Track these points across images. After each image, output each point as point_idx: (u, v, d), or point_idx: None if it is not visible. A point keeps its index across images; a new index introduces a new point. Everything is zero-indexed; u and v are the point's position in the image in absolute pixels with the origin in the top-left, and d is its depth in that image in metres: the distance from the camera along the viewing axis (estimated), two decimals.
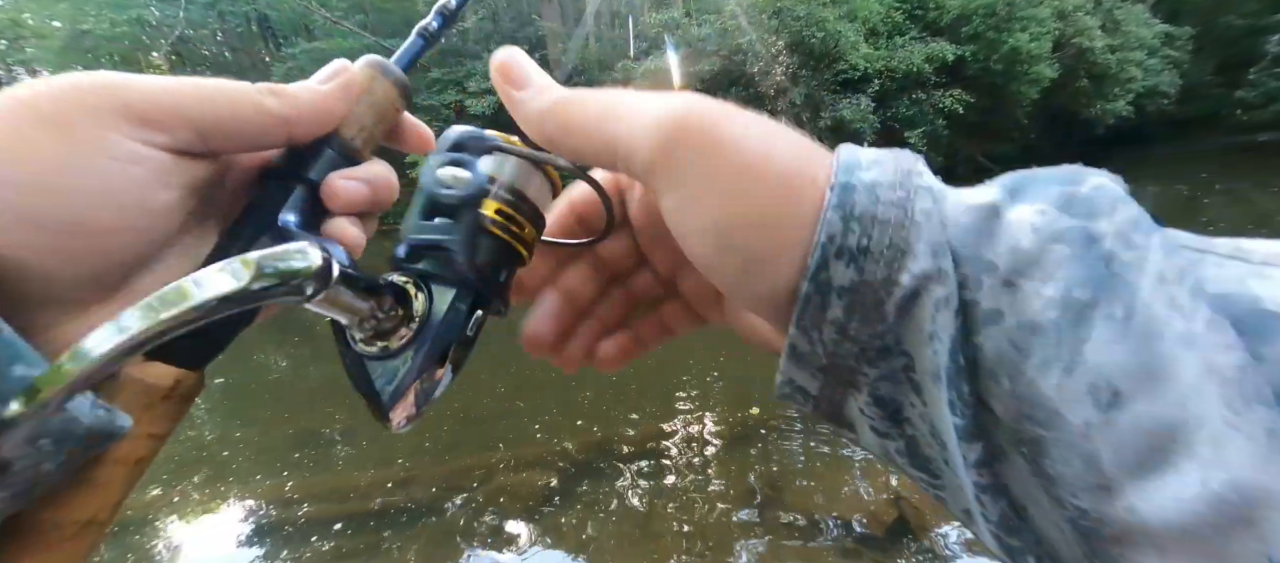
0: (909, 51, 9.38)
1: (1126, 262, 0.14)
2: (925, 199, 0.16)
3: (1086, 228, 0.14)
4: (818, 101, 9.20)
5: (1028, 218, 0.15)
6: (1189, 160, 10.01)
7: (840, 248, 0.16)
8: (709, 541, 1.74)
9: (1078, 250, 0.14)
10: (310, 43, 11.29)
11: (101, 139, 0.17)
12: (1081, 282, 0.14)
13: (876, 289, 0.15)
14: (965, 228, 0.15)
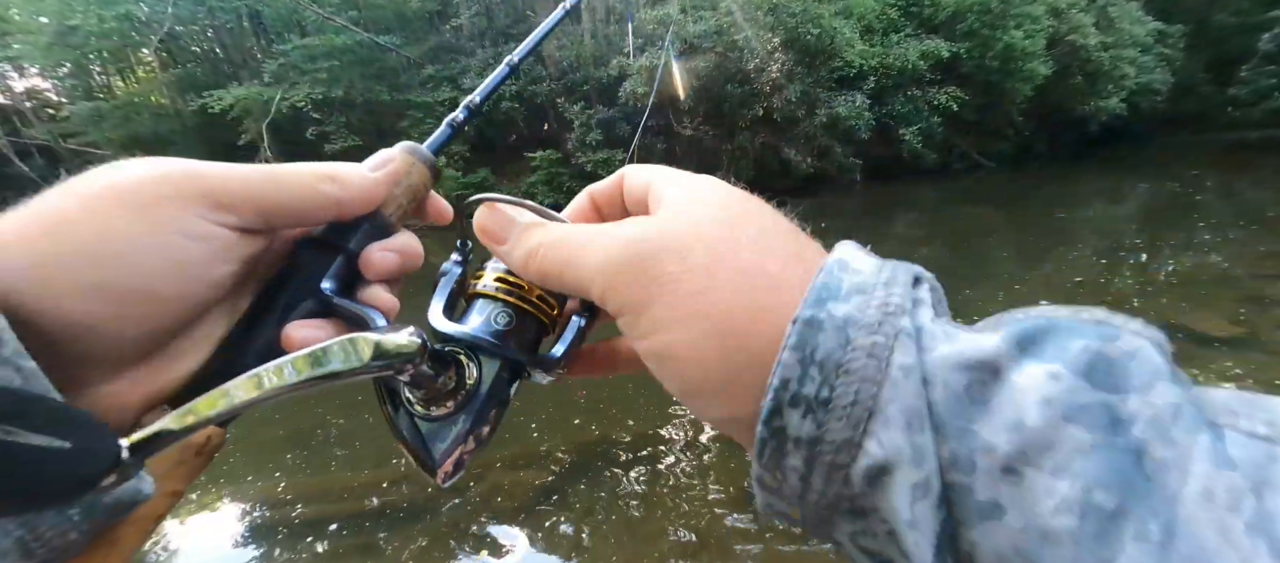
0: (904, 49, 9.40)
1: (1164, 462, 0.11)
2: (907, 350, 0.13)
3: (1113, 407, 0.12)
4: (813, 98, 9.19)
5: (1038, 384, 0.12)
6: (1181, 157, 10.10)
7: (795, 396, 0.14)
8: (705, 543, 1.73)
9: (1101, 437, 0.11)
10: (303, 39, 11.16)
11: (178, 219, 0.19)
12: (1106, 482, 0.11)
13: (838, 450, 0.13)
14: (956, 391, 0.13)
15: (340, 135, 10.85)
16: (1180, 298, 3.31)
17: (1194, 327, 2.85)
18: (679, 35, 8.74)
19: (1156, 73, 12.17)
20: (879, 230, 6.41)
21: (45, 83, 16.83)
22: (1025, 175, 9.64)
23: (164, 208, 0.19)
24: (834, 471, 0.14)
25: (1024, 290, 3.72)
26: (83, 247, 0.17)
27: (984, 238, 5.61)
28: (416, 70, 11.71)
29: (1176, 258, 4.07)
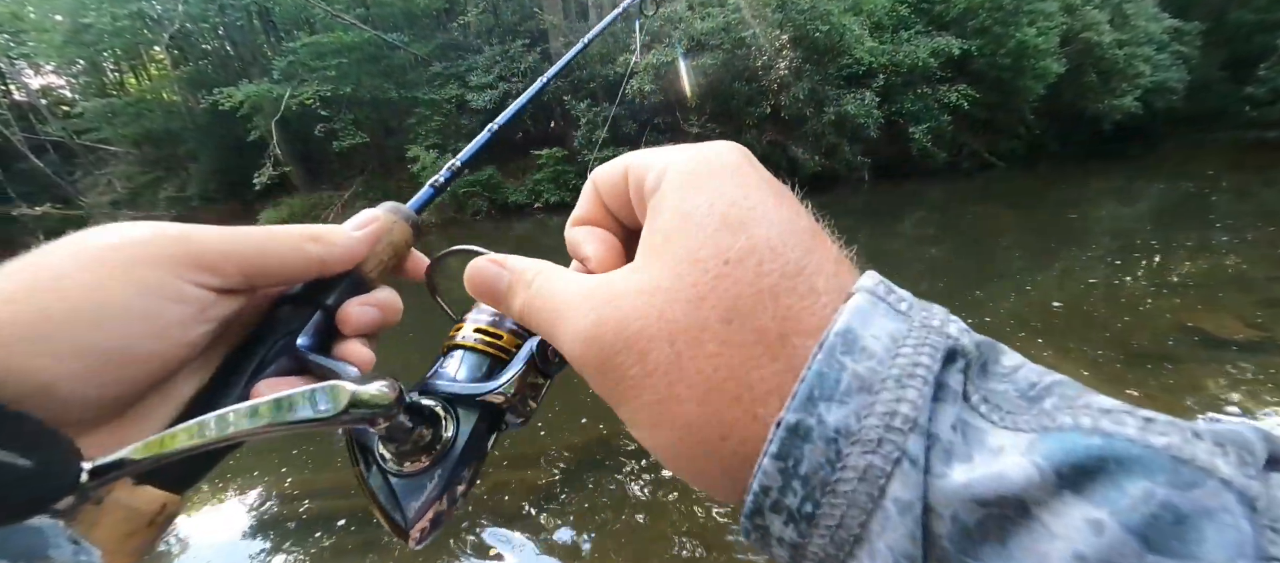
0: (914, 46, 9.29)
1: None
2: (909, 478, 0.11)
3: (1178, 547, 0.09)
4: (821, 97, 9.12)
5: (1078, 532, 0.09)
6: (1196, 157, 9.93)
7: (776, 503, 0.13)
8: (711, 542, 1.73)
9: None
10: (311, 36, 11.21)
11: (163, 282, 0.19)
12: None
13: (822, 561, 0.12)
14: (967, 526, 0.10)
15: (348, 132, 10.91)
16: (1195, 300, 3.26)
17: (1209, 329, 2.81)
18: (686, 32, 8.70)
19: (1172, 71, 11.96)
20: (887, 229, 6.35)
21: (59, 80, 17.07)
22: (1036, 175, 9.53)
23: (151, 270, 0.19)
24: None
25: (1035, 292, 3.67)
26: (67, 308, 0.17)
27: (994, 238, 5.55)
28: (424, 68, 11.74)
29: (1191, 259, 4.01)
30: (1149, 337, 2.82)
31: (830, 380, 0.12)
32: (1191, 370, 2.46)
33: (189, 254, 0.20)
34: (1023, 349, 0.15)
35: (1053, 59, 9.73)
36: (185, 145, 13.91)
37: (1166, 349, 2.67)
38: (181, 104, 13.70)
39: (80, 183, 15.64)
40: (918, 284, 4.14)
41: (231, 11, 12.45)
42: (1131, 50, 10.80)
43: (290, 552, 1.83)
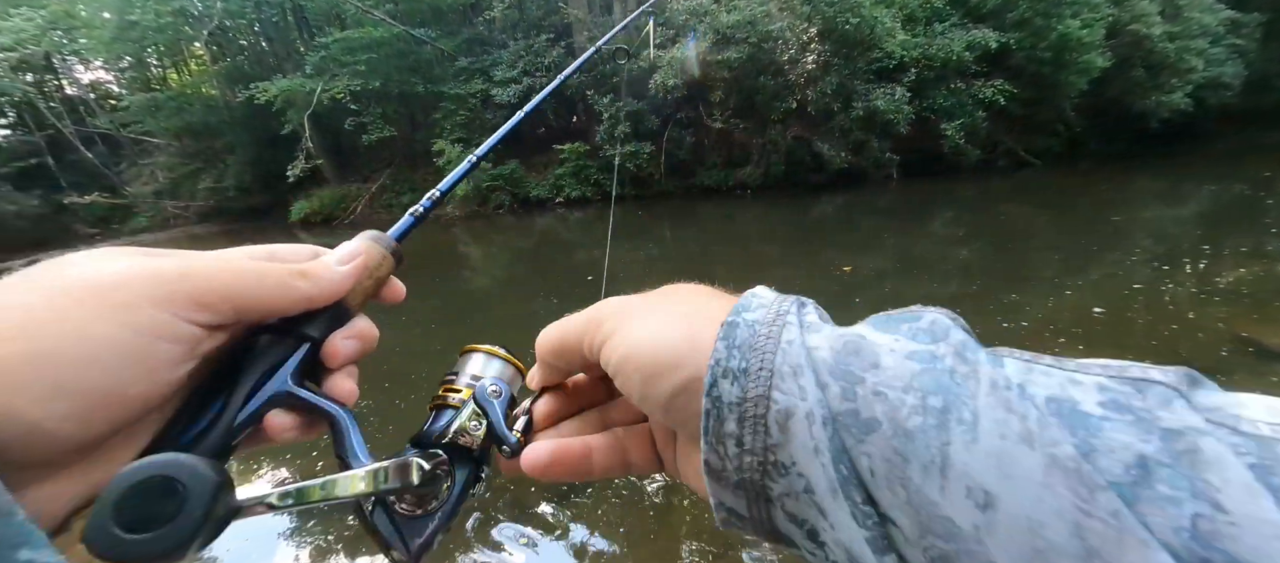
0: (949, 39, 8.98)
1: (964, 374, 0.17)
2: (792, 330, 0.20)
3: (931, 350, 0.18)
4: (850, 91, 8.90)
5: (886, 343, 0.19)
6: (1250, 157, 9.34)
7: (725, 369, 0.20)
8: (722, 543, 1.71)
9: (927, 366, 0.17)
10: (342, 32, 11.48)
11: (155, 320, 0.19)
12: (934, 390, 0.16)
13: (757, 403, 0.19)
14: (838, 350, 0.19)
15: (376, 126, 11.16)
16: (1249, 308, 3.07)
17: (1262, 340, 2.64)
18: (711, 26, 8.58)
19: (1227, 65, 11.25)
20: (916, 229, 6.18)
21: (107, 75, 17.90)
22: (1075, 174, 9.12)
23: (145, 309, 0.19)
24: (756, 422, 0.19)
25: (1074, 296, 3.52)
26: (54, 349, 0.17)
27: (1029, 239, 5.34)
28: (450, 63, 11.91)
29: (1244, 266, 3.78)
30: (1197, 347, 2.67)
31: (746, 304, 0.22)
32: (1244, 384, 2.31)
33: (185, 292, 0.20)
34: (1061, 354, 0.18)
35: (1097, 53, 9.26)
36: (223, 138, 14.46)
37: (1216, 361, 2.52)
38: (220, 98, 14.23)
39: (125, 173, 16.41)
40: (947, 285, 4.01)
41: (267, 8, 12.85)
42: (1183, 43, 10.19)
43: (315, 531, 1.88)
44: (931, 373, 0.17)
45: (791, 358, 0.19)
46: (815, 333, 0.20)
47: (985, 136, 9.79)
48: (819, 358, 0.19)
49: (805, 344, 0.19)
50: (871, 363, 0.18)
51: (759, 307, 0.21)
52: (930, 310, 0.20)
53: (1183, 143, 11.74)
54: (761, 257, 5.63)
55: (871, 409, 0.17)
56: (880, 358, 0.18)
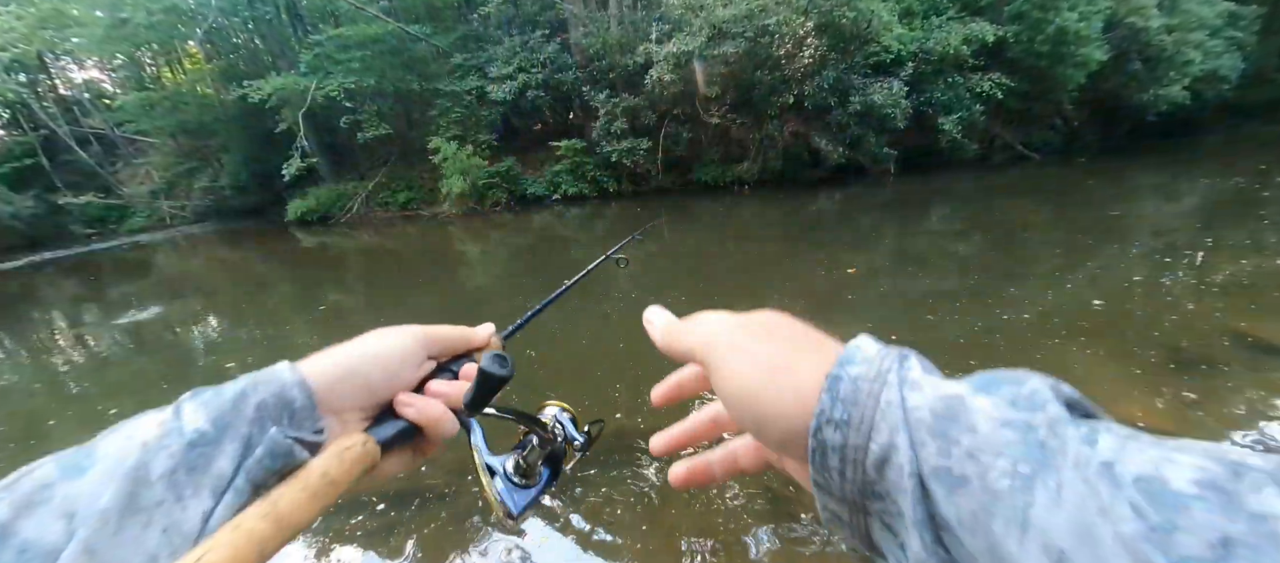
0: (946, 32, 8.95)
1: (1054, 448, 0.19)
2: (892, 391, 0.22)
3: (1027, 420, 0.20)
4: (847, 86, 8.87)
5: (985, 407, 0.21)
6: (1247, 150, 9.35)
7: (829, 419, 0.23)
8: (721, 535, 1.70)
9: (1021, 435, 0.19)
10: (336, 29, 11.40)
11: (415, 348, 0.38)
12: (1024, 459, 0.19)
13: (857, 450, 0.22)
14: (938, 412, 0.21)
15: (371, 124, 11.09)
16: (1246, 302, 3.07)
17: (1259, 334, 2.65)
18: (708, 20, 8.52)
19: (1225, 58, 11.24)
20: (914, 225, 6.17)
21: (101, 75, 17.76)
22: (1073, 168, 9.12)
23: (413, 343, 0.38)
24: (856, 464, 0.22)
25: (1073, 291, 3.52)
26: (381, 351, 0.36)
27: (1027, 233, 5.34)
28: (444, 60, 11.84)
29: (1240, 260, 3.78)
30: (1196, 341, 2.67)
31: (850, 356, 0.24)
32: (1241, 377, 2.32)
33: (428, 337, 0.39)
34: (1061, 350, 0.19)
35: (1095, 46, 9.24)
36: (218, 137, 14.36)
37: (1214, 354, 2.52)
38: (214, 97, 14.12)
39: (121, 173, 16.30)
40: (945, 281, 4.01)
41: (260, 5, 12.73)
42: (1181, 36, 10.17)
43: (314, 531, 1.88)
44: (1024, 443, 0.19)
45: (890, 418, 0.21)
46: (916, 391, 0.22)
47: (983, 131, 9.78)
48: (917, 418, 0.21)
49: (904, 404, 0.22)
50: (968, 427, 0.20)
51: (863, 361, 0.24)
52: (1033, 378, 0.21)
53: (1180, 136, 11.74)
54: (760, 253, 5.62)
55: (964, 468, 0.19)
56: (976, 423, 0.20)
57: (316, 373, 0.33)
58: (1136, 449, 0.18)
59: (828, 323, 0.30)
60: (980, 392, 0.21)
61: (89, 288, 8.13)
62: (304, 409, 0.32)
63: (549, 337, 3.37)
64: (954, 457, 0.20)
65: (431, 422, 0.36)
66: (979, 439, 0.20)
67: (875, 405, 0.22)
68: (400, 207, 11.68)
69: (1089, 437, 0.18)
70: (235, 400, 0.29)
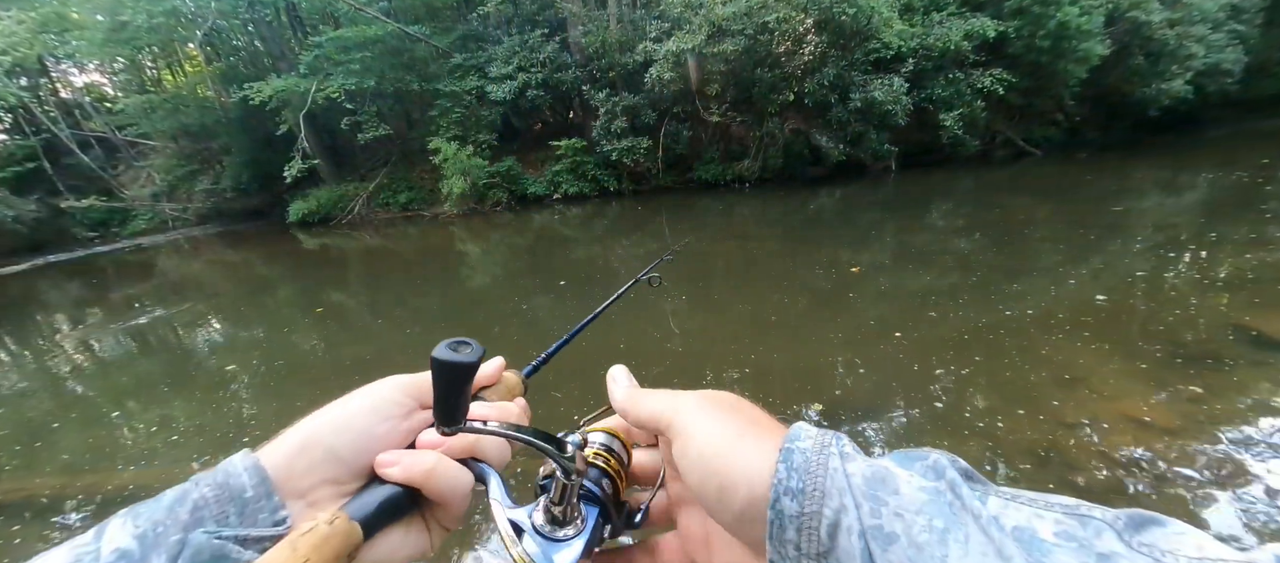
0: (947, 28, 8.92)
1: (958, 507, 0.23)
2: (835, 460, 0.25)
3: (935, 485, 0.24)
4: (847, 83, 8.85)
5: (903, 475, 0.24)
6: (1250, 144, 9.30)
7: (786, 488, 0.25)
8: None
9: (932, 497, 0.23)
10: (335, 31, 11.40)
11: (396, 397, 0.33)
12: (938, 515, 0.23)
13: (812, 518, 0.24)
14: (868, 479, 0.25)
15: (372, 124, 11.09)
16: (1249, 297, 3.06)
17: (1262, 329, 2.63)
18: (707, 18, 8.51)
19: (1228, 52, 11.17)
20: (915, 221, 6.16)
21: (102, 78, 17.80)
22: (1075, 164, 9.08)
23: (393, 391, 0.33)
24: (810, 532, 0.24)
25: (1075, 286, 3.51)
26: (343, 409, 0.32)
27: (1029, 230, 5.33)
28: (445, 60, 11.83)
29: (1243, 254, 3.76)
30: (1199, 335, 2.66)
31: (795, 434, 0.27)
32: (1244, 372, 2.31)
33: (411, 385, 0.34)
34: (1065, 346, 0.20)
35: (1096, 40, 9.19)
36: (219, 139, 14.37)
37: (1218, 349, 2.51)
38: (215, 99, 14.14)
39: (122, 176, 16.34)
40: (947, 278, 4.00)
41: (260, 7, 12.74)
42: (1183, 30, 10.12)
43: None
44: (936, 503, 0.23)
45: (837, 483, 0.24)
46: (851, 461, 0.25)
47: (984, 127, 9.75)
48: (854, 483, 0.24)
49: (845, 471, 0.25)
50: (893, 490, 0.24)
51: (806, 437, 0.27)
52: (934, 453, 0.26)
53: (1183, 130, 11.68)
54: (761, 250, 5.62)
55: (893, 525, 0.23)
56: (900, 486, 0.24)
57: (272, 451, 0.29)
58: (1015, 508, 0.22)
59: (830, 321, 0.31)
60: (898, 465, 0.25)
61: (92, 291, 8.15)
62: (258, 497, 0.27)
63: (550, 339, 3.37)
64: (884, 516, 0.23)
65: (423, 475, 0.30)
66: (903, 500, 0.23)
67: (824, 474, 0.25)
68: (401, 207, 11.69)
69: (981, 497, 0.23)
70: (171, 506, 0.26)
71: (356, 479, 0.30)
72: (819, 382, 2.58)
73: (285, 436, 0.30)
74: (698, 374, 2.81)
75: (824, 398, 2.43)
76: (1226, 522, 1.61)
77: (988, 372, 2.52)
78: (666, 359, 3.05)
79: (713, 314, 3.78)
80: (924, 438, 2.13)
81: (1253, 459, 1.82)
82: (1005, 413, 2.19)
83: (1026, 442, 2.01)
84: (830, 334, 3.11)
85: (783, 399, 2.45)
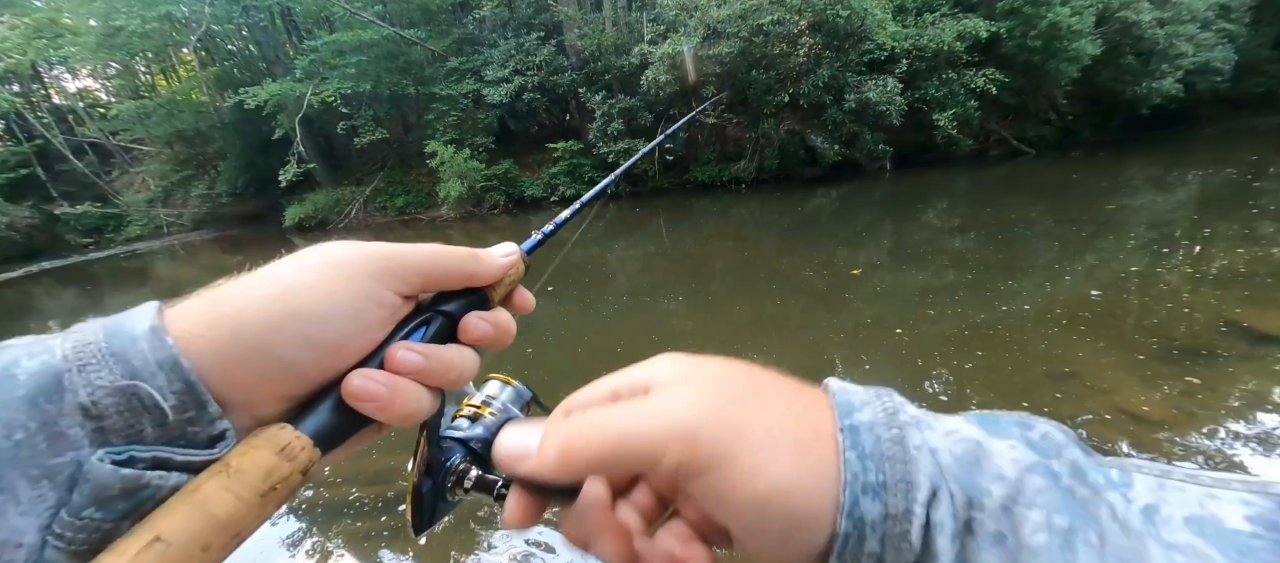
0: (940, 29, 8.98)
1: (1085, 496, 0.17)
2: (915, 434, 0.19)
3: (1048, 465, 0.18)
4: (842, 84, 8.90)
5: (1003, 450, 0.19)
6: (1240, 142, 9.40)
7: (865, 484, 0.18)
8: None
9: (1048, 481, 0.17)
10: (331, 35, 11.38)
11: (373, 290, 0.24)
12: (1058, 509, 0.17)
13: (901, 520, 0.18)
14: (959, 457, 0.19)
15: (368, 128, 11.09)
16: (1241, 292, 3.10)
17: (1254, 325, 2.67)
18: (702, 20, 8.54)
19: (1217, 50, 11.30)
20: (911, 220, 6.19)
21: (95, 83, 17.71)
22: (1068, 162, 9.16)
23: (365, 280, 0.24)
24: (902, 540, 0.18)
25: (1070, 284, 3.54)
26: (304, 306, 0.22)
27: (1024, 228, 5.37)
28: (441, 63, 11.83)
29: (1235, 249, 3.81)
30: (1192, 331, 2.69)
31: (845, 404, 0.21)
32: (1237, 367, 2.34)
33: (391, 267, 0.25)
34: (1059, 342, 0.18)
35: (1087, 40, 9.28)
36: (214, 144, 14.33)
37: (1210, 344, 2.54)
38: (210, 104, 14.09)
39: (116, 182, 16.26)
40: (943, 276, 4.02)
41: (255, 12, 12.72)
42: (1173, 29, 10.22)
43: (320, 531, 1.88)
44: (1056, 491, 0.17)
45: (926, 467, 0.18)
46: (929, 431, 0.19)
47: (978, 126, 9.81)
48: (944, 464, 0.18)
49: (930, 448, 0.19)
50: (995, 475, 0.18)
51: (861, 403, 0.21)
52: (1041, 422, 0.19)
53: (1174, 129, 11.79)
54: (758, 250, 5.64)
55: (998, 523, 0.17)
56: (1002, 469, 0.18)
57: (199, 339, 0.20)
58: (1175, 489, 0.16)
59: (828, 321, 0.29)
60: (992, 434, 0.19)
61: (86, 297, 8.11)
62: (183, 406, 0.19)
63: (546, 339, 3.38)
64: (987, 509, 0.17)
65: (402, 418, 0.24)
66: (1009, 488, 0.17)
67: (906, 456, 0.18)
68: (398, 211, 11.67)
69: (1123, 481, 0.17)
70: (31, 397, 0.17)
71: (313, 388, 0.23)
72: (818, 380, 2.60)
73: (211, 317, 0.21)
74: None
75: None
76: None
77: (985, 367, 2.55)
78: None
79: (710, 315, 3.80)
80: None
81: (1247, 453, 1.85)
82: (1003, 406, 2.21)
83: None
84: (828, 333, 3.12)
85: None
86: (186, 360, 0.19)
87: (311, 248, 0.25)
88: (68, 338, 0.19)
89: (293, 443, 0.21)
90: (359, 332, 0.24)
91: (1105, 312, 3.02)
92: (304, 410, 0.23)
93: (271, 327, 0.21)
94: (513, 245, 0.32)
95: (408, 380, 0.24)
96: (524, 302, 0.33)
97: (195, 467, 0.19)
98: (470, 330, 0.28)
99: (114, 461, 0.17)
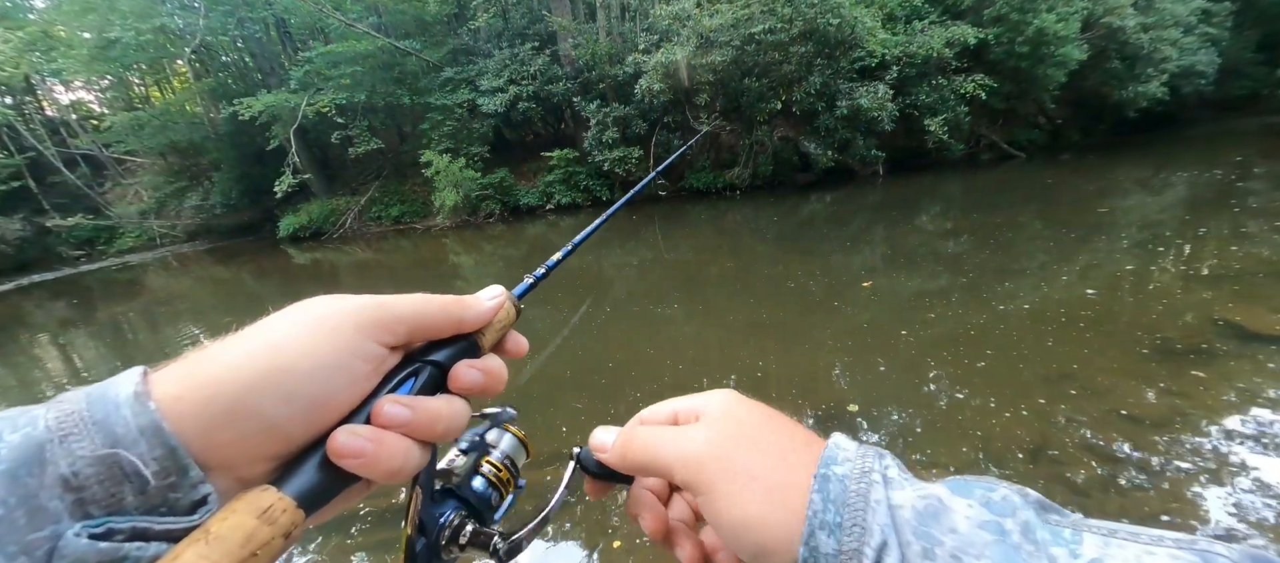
0: (929, 36, 9.10)
1: (1030, 552, 0.20)
2: (878, 490, 0.22)
3: (1000, 523, 0.21)
4: (834, 90, 8.99)
5: (961, 509, 0.21)
6: (1225, 143, 9.56)
7: (822, 521, 0.22)
8: None
9: (997, 537, 0.20)
10: (325, 46, 11.41)
11: (358, 343, 0.24)
12: (1001, 561, 0.19)
13: (851, 558, 0.21)
14: (920, 512, 0.21)
15: (363, 138, 11.09)
16: (1229, 290, 3.13)
17: (1242, 322, 2.70)
18: (695, 30, 8.62)
19: (1201, 54, 11.51)
20: (904, 225, 6.24)
21: (89, 95, 17.65)
22: (1058, 165, 9.27)
23: (351, 334, 0.24)
24: None
25: (1062, 285, 3.57)
26: (289, 363, 0.22)
27: (1015, 231, 5.41)
28: (436, 73, 11.88)
29: (1224, 248, 3.86)
30: (1183, 330, 2.72)
31: (832, 456, 0.24)
32: (1227, 365, 2.36)
33: (376, 318, 0.25)
34: (1053, 342, 0.19)
35: (1073, 45, 9.43)
36: (208, 155, 14.28)
37: (1201, 342, 2.57)
38: (204, 115, 14.06)
39: (109, 194, 16.16)
40: (937, 280, 4.05)
41: (250, 24, 12.74)
42: (1157, 34, 10.41)
43: (321, 540, 1.86)
44: (1002, 546, 0.20)
45: (880, 517, 0.21)
46: (898, 490, 0.22)
47: (968, 131, 9.93)
48: (901, 518, 0.21)
49: (890, 502, 0.22)
50: (949, 528, 0.21)
51: (845, 459, 0.24)
52: (1003, 486, 0.22)
53: (1161, 131, 11.97)
54: (753, 257, 5.66)
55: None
56: (956, 524, 0.21)
57: (181, 401, 0.20)
58: (1118, 546, 0.19)
59: (824, 327, 0.31)
60: (956, 493, 0.22)
61: (78, 310, 8.02)
62: (165, 471, 0.19)
63: (545, 354, 3.37)
64: (938, 558, 0.20)
65: (390, 474, 0.23)
66: (960, 540, 0.20)
67: (865, 506, 0.21)
68: (393, 221, 11.65)
69: (1073, 539, 0.20)
70: (13, 471, 0.17)
71: (299, 447, 0.22)
72: (815, 385, 2.60)
73: (193, 379, 0.21)
74: (693, 384, 2.82)
75: (821, 401, 2.45)
76: (1218, 514, 1.64)
77: (982, 369, 2.56)
78: (664, 374, 3.05)
79: (706, 322, 3.80)
80: (921, 435, 2.15)
81: (1241, 451, 1.86)
82: (999, 408, 2.22)
83: (1019, 437, 2.04)
84: (826, 339, 3.13)
85: (780, 404, 2.46)
86: (169, 425, 0.19)
87: (298, 303, 0.25)
88: (52, 408, 0.19)
89: (274, 506, 0.20)
90: (345, 386, 0.23)
91: (1101, 312, 3.05)
92: (289, 471, 0.22)
93: (252, 384, 0.21)
94: (500, 288, 0.31)
95: (395, 435, 0.24)
96: (516, 346, 0.32)
97: (175, 535, 0.18)
98: (460, 379, 0.27)
99: (92, 534, 0.17)
